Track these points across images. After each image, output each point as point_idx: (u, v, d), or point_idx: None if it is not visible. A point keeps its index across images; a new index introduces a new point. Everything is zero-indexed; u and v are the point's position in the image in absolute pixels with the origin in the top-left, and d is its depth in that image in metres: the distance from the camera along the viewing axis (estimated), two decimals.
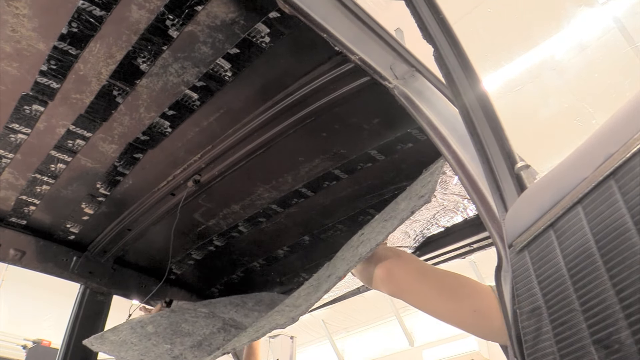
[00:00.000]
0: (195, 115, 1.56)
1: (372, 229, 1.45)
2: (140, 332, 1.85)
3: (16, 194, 1.87)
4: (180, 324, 1.92)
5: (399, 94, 1.17)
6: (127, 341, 1.78)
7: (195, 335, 1.85)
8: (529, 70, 5.19)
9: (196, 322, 1.94)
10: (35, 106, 1.51)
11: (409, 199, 1.38)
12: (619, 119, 0.62)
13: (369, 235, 1.43)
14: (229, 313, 2.04)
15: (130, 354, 1.71)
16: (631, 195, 0.55)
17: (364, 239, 1.43)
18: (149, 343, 1.77)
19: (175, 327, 1.90)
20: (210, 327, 1.92)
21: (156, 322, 1.92)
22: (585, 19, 4.78)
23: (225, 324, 1.95)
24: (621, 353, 0.53)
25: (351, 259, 1.36)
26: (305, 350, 10.62)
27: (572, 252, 0.63)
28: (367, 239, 1.41)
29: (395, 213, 1.38)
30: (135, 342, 1.77)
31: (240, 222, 2.03)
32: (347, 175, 1.76)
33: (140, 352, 1.71)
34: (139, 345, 1.76)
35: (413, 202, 1.30)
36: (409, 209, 1.27)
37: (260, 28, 1.30)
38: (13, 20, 1.24)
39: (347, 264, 1.37)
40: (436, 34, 1.01)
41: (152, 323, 1.91)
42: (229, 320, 1.98)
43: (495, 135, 0.92)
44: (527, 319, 0.70)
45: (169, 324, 1.91)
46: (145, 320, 1.94)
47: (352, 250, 1.46)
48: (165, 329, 1.88)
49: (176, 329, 1.88)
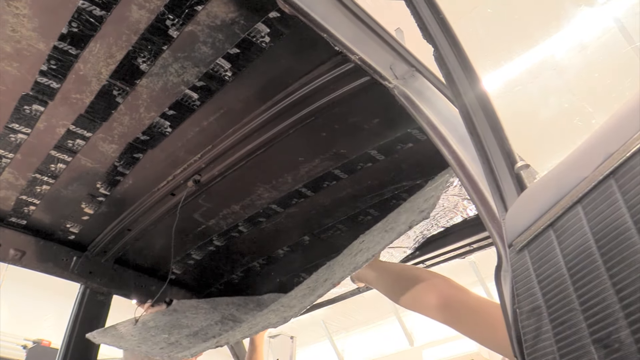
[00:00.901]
0: (195, 115, 1.56)
1: (373, 238, 1.46)
2: (140, 327, 1.88)
3: (16, 194, 1.87)
4: (180, 319, 1.94)
5: (399, 94, 1.17)
6: (127, 334, 1.83)
7: (192, 327, 1.88)
8: (529, 70, 5.19)
9: (196, 318, 1.96)
10: (35, 106, 1.51)
11: (411, 211, 1.39)
12: (619, 118, 0.62)
13: (369, 244, 1.44)
14: (230, 310, 2.06)
15: (129, 343, 1.75)
16: (631, 194, 0.55)
17: (364, 247, 1.44)
18: (147, 334, 1.81)
19: (175, 321, 1.92)
20: (208, 320, 1.94)
21: (158, 319, 1.94)
22: (585, 19, 4.78)
23: (224, 318, 1.97)
24: (621, 352, 0.53)
25: (348, 266, 1.38)
26: (305, 350, 10.62)
27: (572, 251, 0.63)
28: (366, 248, 1.42)
29: (395, 224, 1.40)
30: (135, 335, 1.81)
31: (240, 222, 2.03)
32: (347, 175, 1.76)
33: (139, 341, 1.75)
34: (137, 337, 1.80)
35: (413, 215, 1.31)
36: (407, 223, 1.29)
37: (260, 28, 1.30)
38: (13, 20, 1.24)
39: (343, 270, 1.39)
40: (436, 34, 1.01)
41: (153, 319, 1.94)
42: (228, 315, 2.00)
43: (495, 135, 0.92)
44: (527, 319, 0.70)
45: (169, 320, 1.94)
46: (148, 317, 1.97)
47: (350, 257, 1.47)
48: (165, 324, 1.90)
49: (175, 323, 1.91)
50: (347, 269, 1.37)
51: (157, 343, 1.72)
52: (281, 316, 1.45)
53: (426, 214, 1.23)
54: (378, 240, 1.39)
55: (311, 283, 1.60)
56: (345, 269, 1.39)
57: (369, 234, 1.58)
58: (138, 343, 1.72)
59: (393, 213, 1.56)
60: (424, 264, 1.92)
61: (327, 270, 1.61)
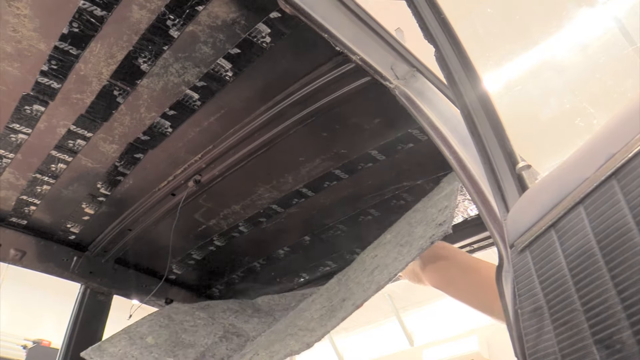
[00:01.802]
0: (196, 115, 1.56)
1: (387, 253, 1.41)
2: (140, 344, 1.81)
3: (17, 194, 1.87)
4: (180, 335, 1.88)
5: (400, 94, 1.17)
6: (128, 354, 1.74)
7: (197, 346, 1.81)
8: (529, 70, 5.19)
9: (196, 332, 1.90)
10: (36, 106, 1.51)
11: (426, 224, 1.33)
12: (621, 119, 0.62)
13: (385, 260, 1.39)
14: (229, 319, 2.02)
15: None
16: (633, 195, 0.55)
17: (380, 264, 1.39)
18: (150, 357, 1.74)
19: (175, 337, 1.86)
20: (211, 336, 1.89)
21: (155, 332, 1.88)
22: (585, 19, 4.78)
23: (226, 332, 1.92)
24: (623, 353, 0.53)
25: (368, 285, 1.34)
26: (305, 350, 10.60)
27: (574, 252, 0.63)
28: (383, 264, 1.38)
29: (411, 238, 1.35)
30: (136, 356, 1.74)
31: (240, 222, 2.03)
32: (348, 175, 1.76)
33: None
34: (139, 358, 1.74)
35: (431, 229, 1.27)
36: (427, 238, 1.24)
37: (261, 28, 1.30)
38: (14, 21, 1.24)
39: (364, 291, 1.34)
40: (437, 34, 1.01)
41: (151, 334, 1.87)
42: (229, 327, 1.96)
43: (496, 136, 0.92)
44: (528, 319, 0.70)
45: (168, 335, 1.88)
46: (144, 330, 1.91)
47: (367, 275, 1.42)
48: (166, 341, 1.85)
49: (177, 340, 1.85)
50: (368, 288, 1.32)
51: None
52: (303, 342, 1.41)
53: (447, 228, 1.20)
54: (395, 256, 1.34)
55: (326, 302, 1.54)
56: (365, 288, 1.34)
57: (380, 247, 1.53)
58: None
59: (403, 224, 1.52)
60: None
61: (341, 286, 1.56)
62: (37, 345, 6.59)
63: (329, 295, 1.58)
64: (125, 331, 1.87)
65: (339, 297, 1.48)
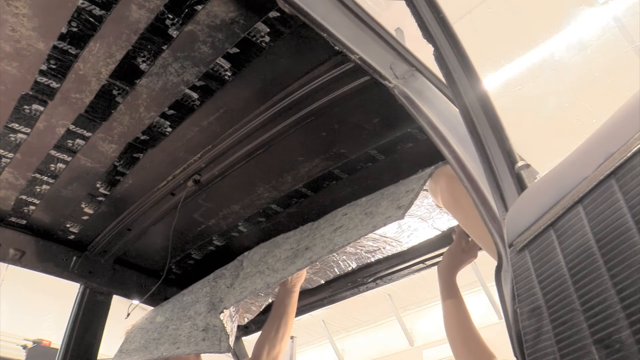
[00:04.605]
0: (195, 114, 1.56)
1: (354, 216, 1.50)
2: (153, 327, 1.84)
3: (16, 194, 1.87)
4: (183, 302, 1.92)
5: (399, 94, 1.17)
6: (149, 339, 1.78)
7: (201, 303, 1.83)
8: (529, 69, 5.19)
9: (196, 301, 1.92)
10: (35, 106, 1.50)
11: (391, 201, 1.40)
12: (620, 118, 0.62)
13: (349, 222, 1.48)
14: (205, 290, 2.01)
15: (164, 347, 1.69)
16: (632, 194, 0.55)
17: (344, 224, 1.48)
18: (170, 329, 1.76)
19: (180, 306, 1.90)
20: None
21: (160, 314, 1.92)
22: (585, 19, 4.78)
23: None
24: (622, 353, 0.53)
25: (326, 244, 1.44)
26: (305, 350, 10.63)
27: (573, 251, 0.63)
28: (346, 227, 1.47)
29: (375, 209, 1.43)
30: (156, 336, 1.77)
31: (240, 222, 2.03)
32: (347, 175, 1.76)
33: (170, 340, 1.71)
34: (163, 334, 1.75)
35: (390, 210, 1.34)
36: (383, 217, 1.32)
37: (260, 27, 1.30)
38: (13, 20, 1.24)
39: (322, 248, 1.44)
40: (436, 34, 1.01)
41: (157, 315, 1.91)
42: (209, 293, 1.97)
43: (495, 135, 0.92)
44: (527, 319, 0.70)
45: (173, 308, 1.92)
46: (149, 316, 1.96)
47: (331, 231, 1.51)
48: (173, 312, 1.88)
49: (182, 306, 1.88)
50: (325, 247, 1.42)
51: (190, 331, 1.70)
52: (265, 281, 1.53)
53: (400, 215, 1.28)
54: (357, 223, 1.41)
55: (294, 244, 1.64)
56: (324, 246, 1.43)
57: (353, 206, 1.60)
58: (171, 341, 1.69)
59: (377, 193, 1.58)
60: (424, 264, 1.92)
61: (310, 232, 1.63)
62: (37, 345, 6.58)
63: (299, 238, 1.65)
64: (133, 327, 1.89)
65: (304, 245, 1.56)
